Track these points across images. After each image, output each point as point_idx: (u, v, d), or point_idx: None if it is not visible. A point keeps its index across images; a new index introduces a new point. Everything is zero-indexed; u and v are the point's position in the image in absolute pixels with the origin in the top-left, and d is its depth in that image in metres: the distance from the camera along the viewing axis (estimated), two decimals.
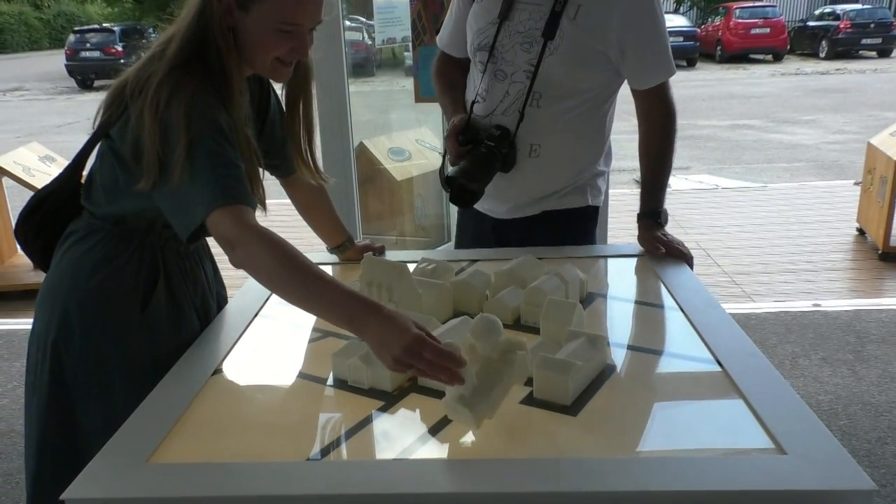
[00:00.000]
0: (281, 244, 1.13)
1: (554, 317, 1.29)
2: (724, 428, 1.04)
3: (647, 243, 1.74)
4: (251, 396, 1.21)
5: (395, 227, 4.05)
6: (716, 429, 1.04)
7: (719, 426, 1.05)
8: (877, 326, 3.32)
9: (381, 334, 1.02)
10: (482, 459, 0.98)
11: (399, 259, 1.81)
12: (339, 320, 1.09)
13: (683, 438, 1.02)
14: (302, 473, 0.96)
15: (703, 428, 1.05)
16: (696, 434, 1.03)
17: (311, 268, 1.12)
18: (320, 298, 1.10)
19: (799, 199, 5.70)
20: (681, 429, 1.05)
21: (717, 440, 1.01)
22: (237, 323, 1.45)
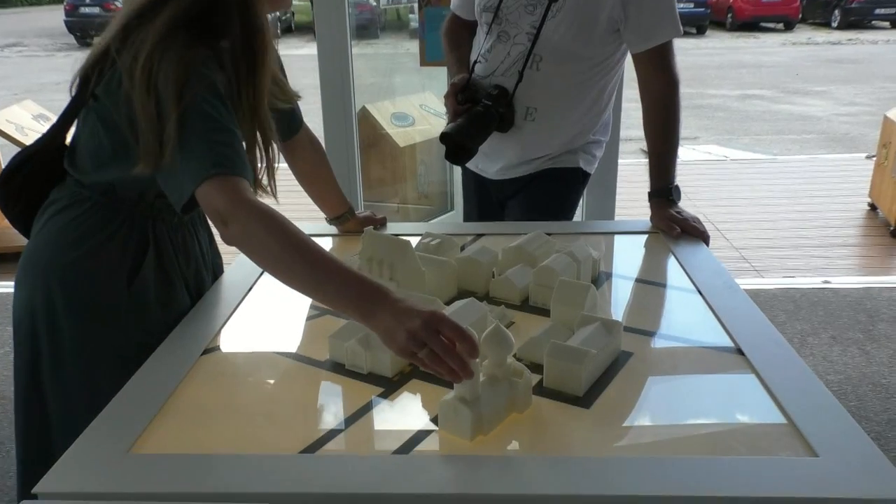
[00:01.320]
0: (280, 221, 1.03)
1: (566, 299, 1.21)
2: (749, 427, 0.97)
3: (662, 223, 1.65)
4: (242, 380, 1.13)
5: (397, 195, 3.96)
6: (740, 427, 0.97)
7: (744, 425, 0.98)
8: (888, 305, 3.25)
9: (391, 321, 0.93)
10: (488, 456, 0.91)
11: (400, 231, 1.73)
12: (345, 308, 1.00)
13: (704, 437, 0.95)
14: (295, 469, 0.89)
15: (727, 426, 0.98)
16: (719, 433, 0.96)
17: (315, 249, 1.02)
18: (324, 284, 1.00)
19: (809, 173, 5.58)
20: (702, 426, 0.98)
21: (742, 440, 0.94)
22: (230, 298, 1.37)
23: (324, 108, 2.91)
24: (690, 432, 0.96)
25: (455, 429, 0.95)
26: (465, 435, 0.94)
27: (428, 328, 0.90)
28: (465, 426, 0.94)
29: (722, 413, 1.01)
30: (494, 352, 0.98)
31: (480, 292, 1.38)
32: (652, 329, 1.24)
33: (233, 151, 1.08)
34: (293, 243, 1.02)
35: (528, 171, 1.82)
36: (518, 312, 1.31)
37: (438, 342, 0.90)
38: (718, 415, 1.00)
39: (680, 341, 1.20)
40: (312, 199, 1.64)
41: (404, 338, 0.91)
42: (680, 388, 1.07)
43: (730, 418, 0.99)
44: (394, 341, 0.93)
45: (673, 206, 1.67)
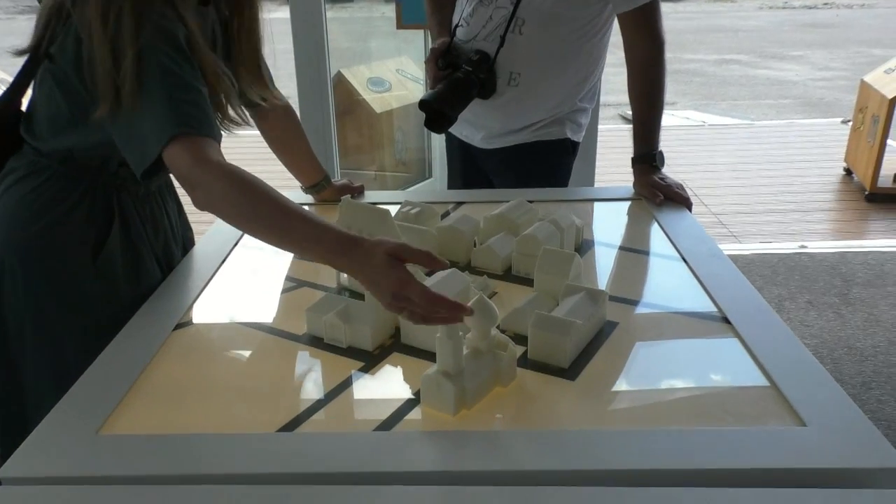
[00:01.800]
0: (247, 178, 0.99)
1: (549, 268, 1.18)
2: (737, 396, 0.95)
3: (645, 189, 1.63)
4: (217, 355, 1.10)
5: (374, 162, 3.90)
6: (727, 397, 0.95)
7: (731, 394, 0.96)
8: (863, 269, 3.28)
9: (368, 270, 0.91)
10: (472, 432, 0.89)
11: (379, 199, 1.69)
12: (319, 256, 0.97)
13: (692, 408, 0.93)
14: (272, 447, 0.86)
15: (714, 396, 0.96)
16: (707, 403, 0.94)
17: (283, 201, 0.98)
18: (295, 233, 0.96)
19: (786, 138, 5.60)
20: (689, 396, 0.96)
21: (730, 410, 0.92)
22: (202, 270, 1.32)
23: (297, 73, 2.83)
24: (678, 403, 0.94)
25: (438, 404, 0.92)
26: (449, 410, 0.92)
27: (399, 297, 0.88)
28: (448, 401, 0.91)
29: (708, 382, 0.99)
30: (478, 324, 0.95)
31: (462, 262, 1.34)
32: (636, 298, 1.22)
33: (198, 110, 1.03)
34: (261, 196, 0.98)
35: (513, 142, 1.77)
36: (500, 282, 1.28)
37: (417, 305, 0.88)
38: (705, 384, 0.98)
39: (665, 310, 1.18)
40: (287, 167, 1.59)
41: (389, 299, 0.90)
42: (666, 358, 1.05)
43: (717, 388, 0.97)
44: (379, 295, 0.92)
45: (656, 172, 1.64)
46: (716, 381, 0.99)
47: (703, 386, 0.98)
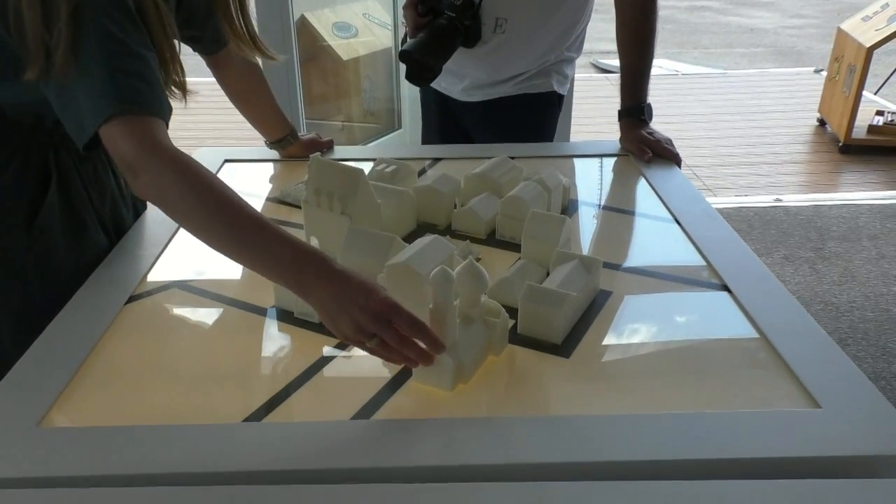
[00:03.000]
0: (199, 173, 0.86)
1: (538, 233, 1.09)
2: (744, 374, 0.88)
3: (633, 145, 1.53)
4: (174, 333, 0.99)
5: (341, 112, 3.74)
6: (734, 376, 0.88)
7: (737, 372, 0.89)
8: (837, 222, 3.26)
9: (336, 295, 0.78)
10: (465, 419, 0.80)
11: (349, 155, 1.58)
12: (278, 276, 0.85)
13: (696, 388, 0.86)
14: (238, 441, 0.76)
15: (719, 374, 0.89)
16: (712, 382, 0.87)
17: (241, 206, 0.85)
18: (251, 247, 0.84)
19: (759, 87, 5.54)
20: (692, 375, 0.89)
21: (738, 391, 0.85)
22: (157, 236, 1.21)
23: (258, 17, 2.65)
24: (681, 382, 0.87)
25: (434, 380, 0.84)
26: (446, 385, 0.84)
27: (378, 320, 0.77)
28: (445, 376, 0.83)
29: (713, 360, 0.91)
30: (468, 290, 0.87)
31: (441, 225, 1.25)
32: (629, 264, 1.14)
33: (144, 85, 0.90)
34: (215, 198, 0.85)
35: (497, 95, 1.65)
36: (484, 247, 1.19)
37: (392, 335, 0.78)
38: (709, 362, 0.91)
39: (660, 277, 1.10)
40: (249, 121, 1.46)
41: (350, 328, 0.78)
42: (665, 332, 0.98)
43: (722, 365, 0.90)
44: (336, 328, 0.80)
45: (644, 126, 1.55)
46: (720, 359, 0.92)
47: (707, 364, 0.91)
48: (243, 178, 1.48)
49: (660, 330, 0.98)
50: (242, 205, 0.85)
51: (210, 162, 1.52)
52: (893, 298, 2.66)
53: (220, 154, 1.56)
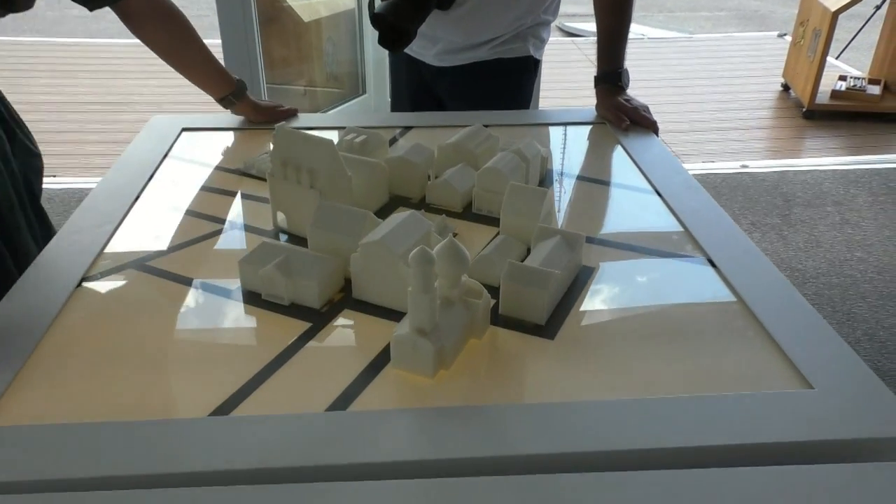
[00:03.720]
0: None
1: (518, 208, 1.04)
2: (733, 354, 0.85)
3: (610, 112, 1.49)
4: (132, 318, 0.92)
5: (303, 76, 3.62)
6: (722, 356, 0.85)
7: (727, 354, 0.85)
8: (802, 188, 3.28)
9: None
10: (442, 408, 0.76)
11: (312, 123, 1.50)
12: None
13: (686, 369, 0.83)
14: (203, 438, 0.71)
15: (707, 354, 0.85)
16: (702, 363, 0.84)
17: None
18: None
19: (724, 52, 5.53)
20: (681, 356, 0.85)
21: (725, 369, 0.82)
22: (111, 210, 1.13)
23: None
24: (670, 362, 0.83)
25: (414, 366, 0.79)
26: (427, 372, 0.79)
27: None
28: (426, 362, 0.79)
29: (702, 338, 0.88)
30: (448, 271, 0.82)
31: (415, 198, 1.19)
32: (611, 238, 1.10)
33: None
34: None
35: (472, 59, 1.58)
36: (460, 221, 1.13)
37: None
38: (698, 340, 0.88)
39: (643, 252, 1.06)
40: (187, 78, 1.36)
41: None
42: (651, 310, 0.94)
43: (712, 344, 0.87)
44: None
45: (621, 93, 1.51)
46: (710, 338, 0.88)
47: (697, 343, 0.87)
48: (203, 148, 1.40)
49: (646, 308, 0.94)
50: None
51: (166, 131, 1.43)
52: (857, 264, 2.69)
53: (176, 122, 1.47)
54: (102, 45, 5.22)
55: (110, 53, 5.03)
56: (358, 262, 0.91)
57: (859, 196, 3.20)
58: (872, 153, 3.69)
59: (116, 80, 4.52)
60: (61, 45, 5.41)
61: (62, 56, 5.12)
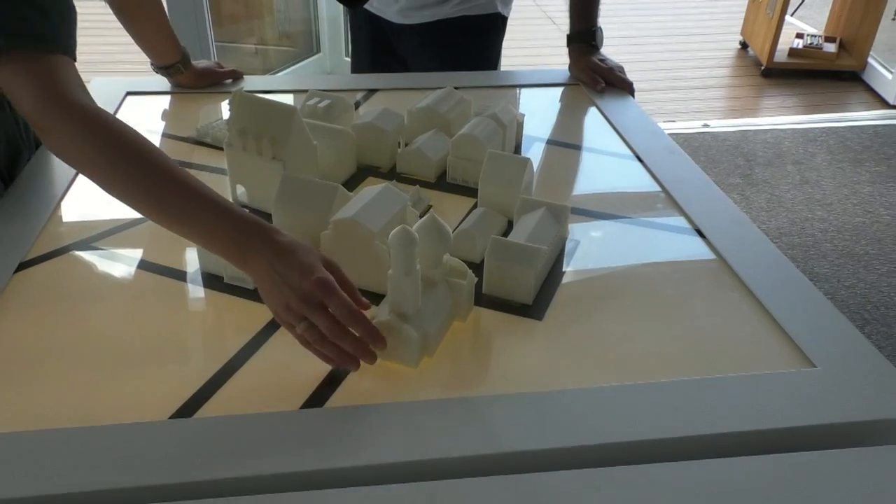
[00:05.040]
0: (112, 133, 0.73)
1: (497, 177, 0.97)
2: (729, 332, 0.81)
3: (584, 74, 1.42)
4: (78, 307, 0.83)
5: (254, 34, 3.46)
6: (718, 334, 0.81)
7: (723, 331, 0.81)
8: (763, 147, 3.28)
9: (272, 270, 0.67)
10: (427, 402, 0.70)
11: (263, 86, 1.40)
12: (215, 249, 0.72)
13: (681, 351, 0.78)
14: (165, 443, 0.64)
15: (702, 332, 0.81)
16: (697, 343, 0.79)
17: (163, 170, 0.72)
18: (184, 219, 0.71)
19: (682, 9, 5.48)
20: (676, 337, 0.80)
21: (723, 348, 0.78)
22: (52, 183, 1.03)
23: None
24: (665, 342, 0.79)
25: (397, 355, 0.73)
26: (411, 361, 0.73)
27: (309, 302, 0.67)
28: (411, 350, 0.72)
29: (696, 316, 0.84)
30: (430, 250, 0.75)
31: (385, 167, 1.11)
32: (594, 208, 1.04)
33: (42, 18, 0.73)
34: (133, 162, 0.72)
35: (437, 16, 1.49)
36: (434, 192, 1.06)
37: (323, 320, 0.67)
38: (692, 318, 0.83)
39: (628, 222, 1.01)
40: (134, 39, 1.26)
41: (280, 308, 0.68)
42: (642, 286, 0.89)
43: (706, 321, 0.82)
44: (269, 307, 0.70)
45: (595, 52, 1.44)
46: (703, 314, 0.84)
47: (691, 321, 0.83)
48: (150, 114, 1.29)
49: (636, 282, 0.89)
50: (164, 168, 0.72)
51: (109, 94, 1.32)
52: (818, 224, 2.70)
53: (120, 85, 1.35)
54: None
55: None
56: (329, 240, 0.84)
57: (818, 155, 3.22)
58: (829, 111, 3.71)
59: None
60: None
61: None
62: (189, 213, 0.71)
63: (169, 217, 0.72)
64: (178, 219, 0.72)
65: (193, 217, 0.70)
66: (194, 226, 0.71)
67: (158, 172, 0.71)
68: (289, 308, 0.67)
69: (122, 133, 0.72)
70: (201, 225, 0.71)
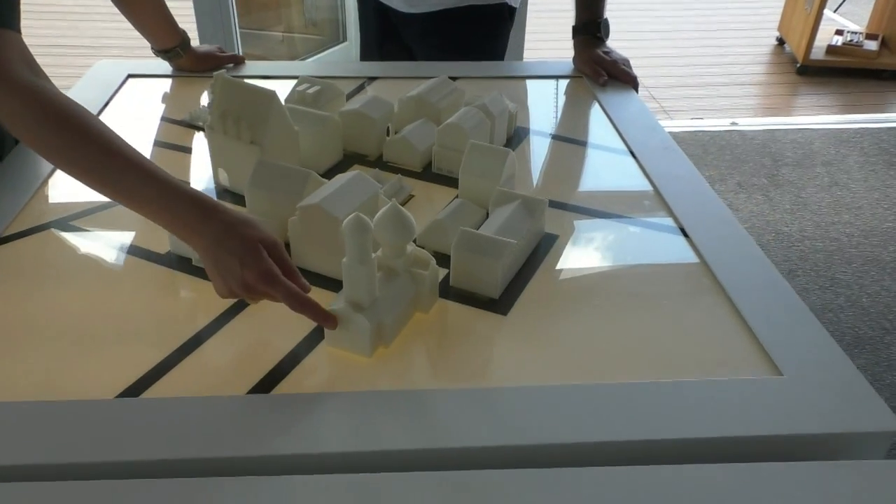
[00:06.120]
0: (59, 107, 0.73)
1: (477, 168, 0.96)
2: (698, 334, 0.78)
3: (587, 66, 1.39)
4: (48, 285, 0.84)
5: (281, 22, 3.47)
6: (687, 336, 0.78)
7: (691, 333, 0.79)
8: (791, 147, 3.19)
9: (212, 250, 0.68)
10: (374, 392, 0.69)
11: (275, 72, 1.40)
12: (156, 219, 0.73)
13: (645, 352, 0.76)
14: (106, 421, 0.64)
15: (670, 334, 0.79)
16: (664, 345, 0.77)
17: (109, 142, 0.73)
18: (127, 189, 0.72)
19: (718, 3, 5.37)
20: (641, 337, 0.78)
21: (689, 351, 0.76)
22: (37, 164, 1.04)
23: None
24: (628, 345, 0.77)
25: (349, 344, 0.73)
26: (364, 351, 0.72)
27: (252, 292, 0.69)
28: (363, 340, 0.72)
29: (666, 316, 0.81)
30: (391, 239, 0.74)
31: (372, 155, 1.11)
32: (579, 203, 1.02)
33: None
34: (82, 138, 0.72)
35: (443, 6, 1.46)
36: (418, 182, 1.05)
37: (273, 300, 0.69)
38: (662, 319, 0.81)
39: (612, 218, 0.99)
40: (133, 23, 1.26)
41: (224, 290, 0.70)
42: (615, 284, 0.87)
43: (677, 322, 0.80)
44: (218, 282, 0.71)
45: (600, 45, 1.41)
46: (675, 314, 0.81)
47: (659, 321, 0.80)
48: (149, 96, 1.30)
49: (609, 280, 0.87)
50: (109, 143, 0.73)
51: (111, 77, 1.33)
52: (843, 227, 2.63)
53: (122, 68, 1.37)
54: None
55: None
56: (296, 226, 0.83)
57: (850, 156, 3.12)
58: (866, 112, 3.60)
59: (87, 21, 4.34)
60: None
61: None
62: (134, 188, 0.71)
63: (113, 191, 0.73)
64: (122, 193, 0.72)
65: (138, 192, 0.71)
66: (139, 200, 0.72)
67: (103, 148, 0.71)
68: (232, 292, 0.68)
69: (66, 108, 0.73)
70: (145, 199, 0.71)
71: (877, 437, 0.67)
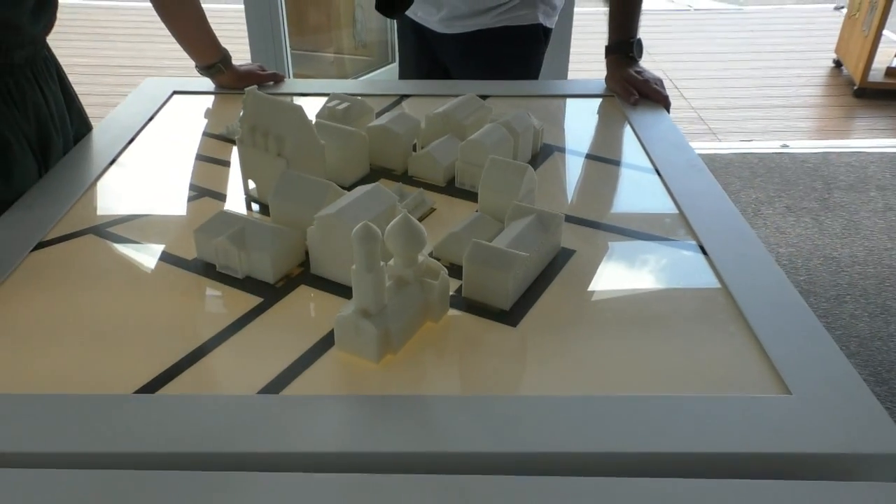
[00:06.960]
0: None
1: (496, 183, 0.97)
2: (708, 351, 0.78)
3: (618, 85, 1.40)
4: (83, 286, 0.88)
5: (332, 44, 3.56)
6: (696, 353, 0.78)
7: (701, 350, 0.78)
8: (845, 171, 3.11)
9: None
10: (377, 396, 0.71)
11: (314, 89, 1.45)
12: None
13: (650, 368, 0.76)
14: (120, 416, 0.67)
15: (679, 350, 0.78)
16: (669, 358, 0.77)
17: None
18: None
19: (775, 25, 5.29)
20: (649, 349, 0.78)
21: (696, 367, 0.75)
22: (83, 173, 1.10)
23: None
24: (636, 359, 0.77)
25: (359, 349, 0.74)
26: (371, 356, 0.74)
27: None
28: (370, 346, 0.74)
29: (676, 331, 0.81)
30: (402, 249, 0.76)
31: (398, 170, 1.13)
32: (599, 219, 1.03)
33: None
34: None
35: (478, 26, 1.50)
36: (441, 196, 1.07)
37: None
38: (671, 335, 0.80)
39: (631, 235, 0.99)
40: (177, 40, 1.33)
41: None
42: (628, 300, 0.87)
43: (687, 339, 0.80)
44: None
45: (633, 64, 1.42)
46: (684, 332, 0.81)
47: (669, 336, 0.80)
48: (192, 112, 1.36)
49: (622, 296, 0.87)
50: None
51: (157, 94, 1.40)
52: None
53: (168, 85, 1.43)
54: (138, 9, 5.25)
55: (144, 17, 5.05)
56: (314, 235, 0.86)
57: None
58: None
59: (149, 43, 4.54)
60: (97, 7, 5.45)
61: (99, 19, 5.16)
62: None
63: None
64: None
65: None
66: None
67: None
68: None
69: None
70: None
71: (887, 459, 0.65)
